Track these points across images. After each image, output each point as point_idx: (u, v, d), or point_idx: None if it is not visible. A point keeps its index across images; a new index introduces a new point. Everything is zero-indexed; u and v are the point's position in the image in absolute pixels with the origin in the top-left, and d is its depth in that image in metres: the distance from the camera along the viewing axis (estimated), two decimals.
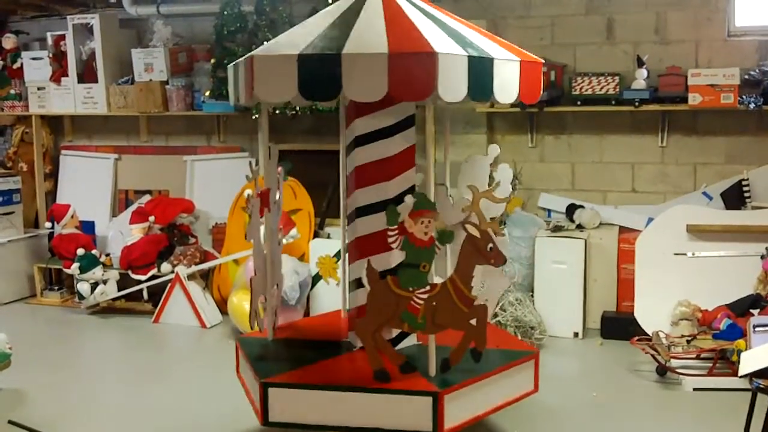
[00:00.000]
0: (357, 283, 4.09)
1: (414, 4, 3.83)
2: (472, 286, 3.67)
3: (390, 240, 3.62)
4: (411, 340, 4.17)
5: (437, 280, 3.82)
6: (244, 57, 3.72)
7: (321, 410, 3.69)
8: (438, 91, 3.37)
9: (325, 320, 4.85)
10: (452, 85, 3.43)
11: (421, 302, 3.61)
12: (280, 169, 4.29)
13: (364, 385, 3.68)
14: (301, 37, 3.56)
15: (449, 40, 3.57)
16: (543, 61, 3.99)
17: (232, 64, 3.99)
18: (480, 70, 3.52)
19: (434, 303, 3.61)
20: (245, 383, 4.19)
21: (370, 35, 3.48)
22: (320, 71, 3.38)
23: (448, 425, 3.62)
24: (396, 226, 3.57)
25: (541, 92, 3.95)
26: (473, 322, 3.67)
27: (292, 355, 4.18)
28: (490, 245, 3.63)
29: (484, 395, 3.84)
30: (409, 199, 3.64)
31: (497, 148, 4.18)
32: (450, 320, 3.66)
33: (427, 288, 3.63)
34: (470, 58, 3.47)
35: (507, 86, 3.65)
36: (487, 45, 3.72)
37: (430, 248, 3.64)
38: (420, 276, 3.64)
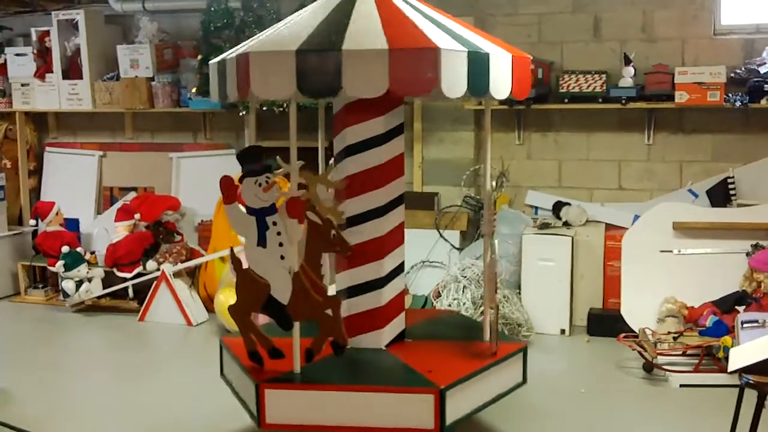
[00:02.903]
0: (361, 289, 4.10)
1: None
2: None
3: (494, 224, 4.09)
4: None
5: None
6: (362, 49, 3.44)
7: (474, 395, 3.84)
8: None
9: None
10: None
11: None
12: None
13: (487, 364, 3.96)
14: (438, 33, 3.61)
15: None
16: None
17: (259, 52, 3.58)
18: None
19: None
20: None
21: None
22: (480, 68, 3.61)
23: None
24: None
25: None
26: None
27: (380, 366, 4.07)
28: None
29: None
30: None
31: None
32: None
33: None
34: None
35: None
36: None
37: None
38: None
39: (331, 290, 4.16)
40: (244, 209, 3.74)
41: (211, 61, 4.08)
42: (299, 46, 3.41)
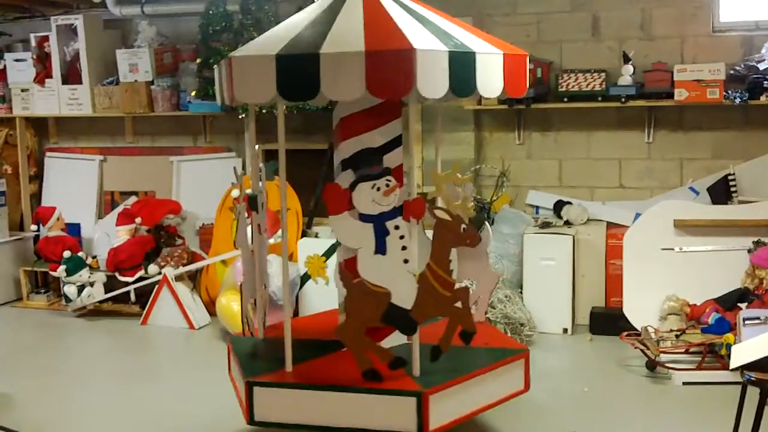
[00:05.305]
0: None
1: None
2: None
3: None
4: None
5: None
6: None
7: None
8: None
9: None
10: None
11: None
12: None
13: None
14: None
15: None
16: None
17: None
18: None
19: None
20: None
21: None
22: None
23: None
24: None
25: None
26: None
27: None
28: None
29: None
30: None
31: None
32: None
33: None
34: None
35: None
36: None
37: None
38: None
39: None
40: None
41: (251, 56, 3.71)
42: (449, 47, 3.50)
